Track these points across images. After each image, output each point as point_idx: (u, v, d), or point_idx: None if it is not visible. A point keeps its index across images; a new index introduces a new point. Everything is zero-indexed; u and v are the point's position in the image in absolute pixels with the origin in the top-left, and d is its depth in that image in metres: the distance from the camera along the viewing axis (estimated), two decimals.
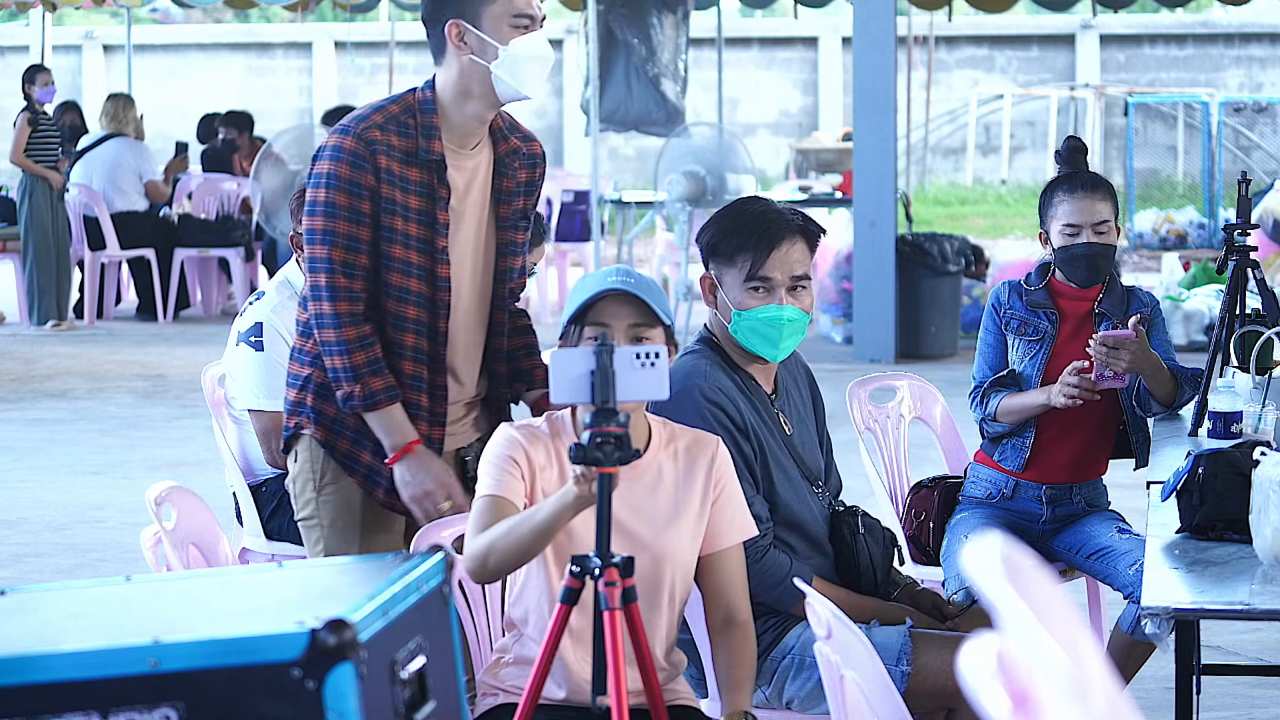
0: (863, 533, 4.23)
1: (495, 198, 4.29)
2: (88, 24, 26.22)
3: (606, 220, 15.16)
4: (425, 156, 4.17)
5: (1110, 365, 4.87)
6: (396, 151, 4.15)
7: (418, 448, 4.20)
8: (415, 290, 4.19)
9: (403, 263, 4.18)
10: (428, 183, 4.17)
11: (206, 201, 15.39)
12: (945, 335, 12.71)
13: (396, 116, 4.18)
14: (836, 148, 20.08)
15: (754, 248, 4.12)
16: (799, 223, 4.16)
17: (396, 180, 4.15)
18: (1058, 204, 5.08)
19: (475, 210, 4.27)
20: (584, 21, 14.55)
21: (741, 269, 4.13)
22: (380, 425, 4.19)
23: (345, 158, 4.14)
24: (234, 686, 2.61)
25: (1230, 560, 3.77)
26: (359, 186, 4.14)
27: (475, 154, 4.26)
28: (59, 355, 13.34)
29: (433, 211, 4.17)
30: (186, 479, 4.58)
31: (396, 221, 4.16)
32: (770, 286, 4.12)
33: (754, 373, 4.23)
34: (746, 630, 3.79)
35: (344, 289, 4.15)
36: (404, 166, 4.16)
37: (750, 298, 4.13)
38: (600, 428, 3.26)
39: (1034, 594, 1.59)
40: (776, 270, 4.12)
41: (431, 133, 4.18)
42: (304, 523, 4.40)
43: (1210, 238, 15.76)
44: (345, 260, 4.16)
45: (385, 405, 4.17)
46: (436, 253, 4.19)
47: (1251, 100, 21.96)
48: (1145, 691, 5.46)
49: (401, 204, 4.16)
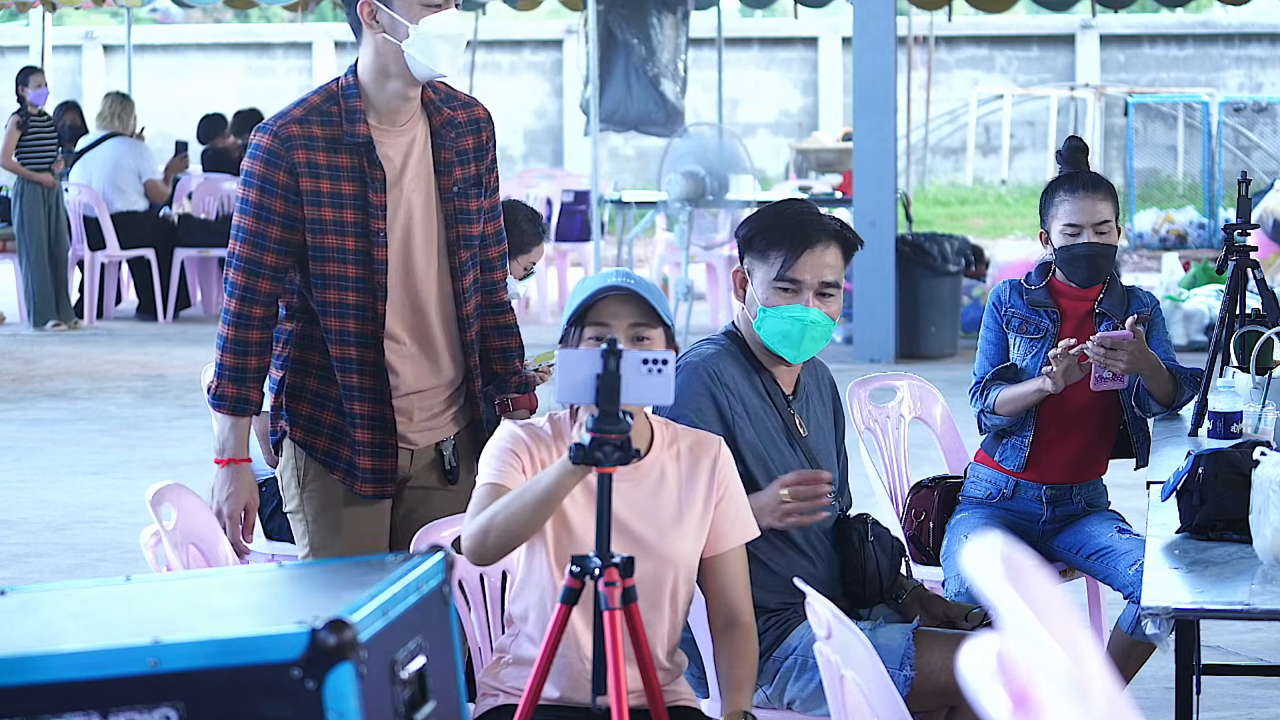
0: (872, 540, 4.22)
1: (437, 170, 4.33)
2: (88, 24, 26.22)
3: (606, 220, 15.16)
4: (351, 140, 4.21)
5: (1108, 366, 4.87)
6: (320, 141, 4.20)
7: (236, 466, 4.32)
8: (354, 276, 4.23)
9: (338, 250, 4.22)
10: (358, 166, 4.22)
11: (206, 201, 15.39)
12: (945, 335, 12.70)
13: (318, 106, 4.23)
14: (836, 148, 20.08)
15: (787, 247, 4.13)
16: (836, 228, 4.18)
17: (323, 170, 4.19)
18: (1059, 204, 5.08)
19: (419, 186, 4.30)
20: (584, 21, 14.56)
21: (773, 266, 4.14)
22: (219, 427, 4.32)
23: (260, 155, 4.21)
24: (234, 686, 2.61)
25: (1230, 560, 3.77)
26: (270, 184, 4.20)
27: (407, 130, 4.30)
28: (59, 355, 13.34)
29: (366, 195, 4.21)
30: (186, 479, 4.57)
31: (325, 212, 4.20)
32: (799, 288, 4.13)
33: (776, 373, 4.24)
34: (749, 631, 3.79)
35: (240, 287, 4.24)
36: (331, 154, 4.20)
37: (777, 296, 4.14)
38: (602, 431, 3.26)
39: (1034, 594, 1.59)
40: (807, 272, 4.13)
41: (355, 116, 4.22)
42: (292, 515, 4.47)
43: (1210, 238, 15.76)
44: (249, 257, 4.24)
45: (226, 412, 4.29)
46: (372, 235, 4.22)
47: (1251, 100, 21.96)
48: (1145, 691, 5.46)
49: (331, 192, 4.20)
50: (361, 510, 4.34)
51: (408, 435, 4.34)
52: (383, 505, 4.37)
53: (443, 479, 4.40)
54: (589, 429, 3.27)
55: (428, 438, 4.37)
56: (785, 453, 4.21)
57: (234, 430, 4.31)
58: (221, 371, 4.28)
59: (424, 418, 4.35)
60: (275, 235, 4.21)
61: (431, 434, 4.37)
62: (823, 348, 4.21)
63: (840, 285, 4.19)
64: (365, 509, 4.35)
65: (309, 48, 25.25)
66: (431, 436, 4.37)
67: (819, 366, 4.40)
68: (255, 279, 4.23)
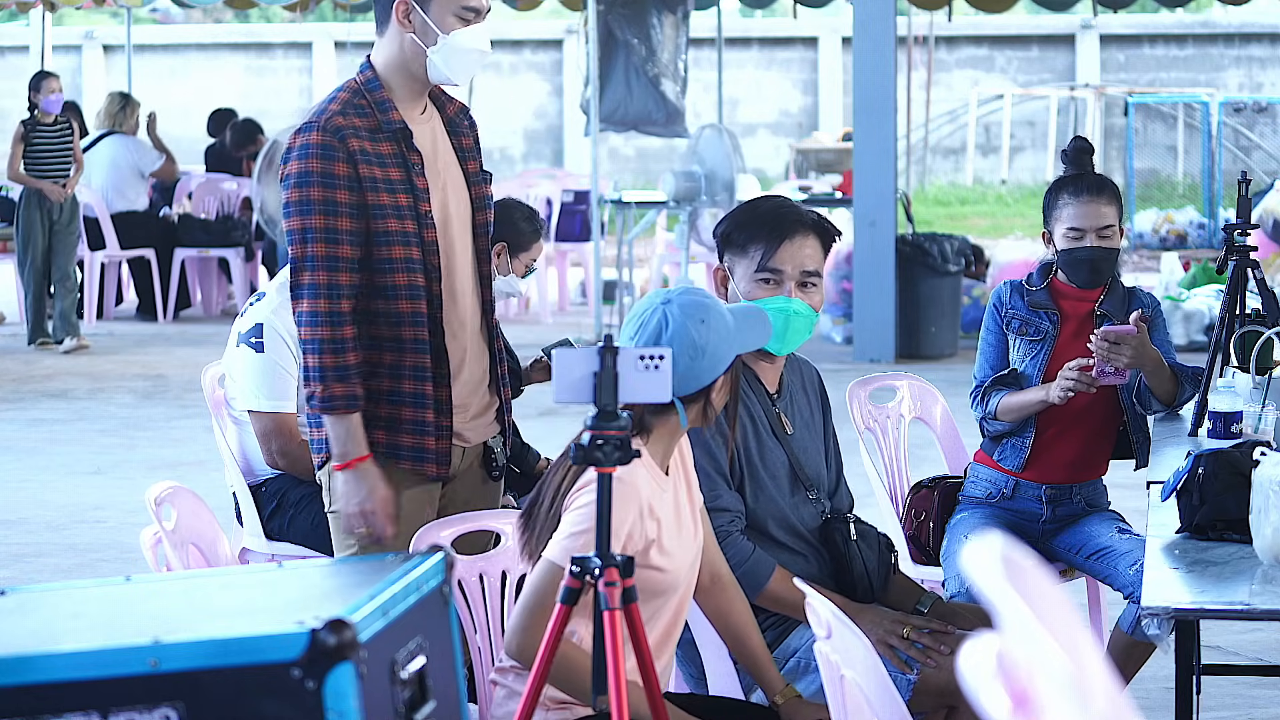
0: (855, 540, 4.22)
1: (459, 155, 4.39)
2: (88, 24, 26.22)
3: (606, 220, 15.16)
4: (389, 127, 4.24)
5: (1111, 360, 4.87)
6: (363, 130, 4.22)
7: (366, 464, 4.19)
8: (417, 258, 4.24)
9: (400, 234, 4.22)
10: (400, 152, 4.25)
11: (206, 201, 15.38)
12: (945, 335, 12.70)
13: (350, 101, 4.26)
14: (836, 148, 20.08)
15: (766, 239, 4.16)
16: (814, 219, 4.22)
17: (372, 157, 4.21)
18: (1062, 206, 5.08)
19: (448, 170, 4.36)
20: (584, 21, 14.56)
21: (753, 259, 4.16)
22: (335, 430, 4.19)
23: (315, 151, 4.18)
24: (234, 686, 2.61)
25: (1230, 560, 3.77)
26: (332, 177, 4.18)
27: (427, 118, 4.36)
28: (59, 356, 13.34)
29: (410, 179, 4.24)
30: (186, 479, 4.58)
31: (383, 197, 4.21)
32: (780, 279, 4.15)
33: (759, 370, 4.24)
34: (733, 585, 3.90)
35: (324, 286, 4.17)
36: (374, 143, 4.23)
37: (759, 289, 4.15)
38: (601, 429, 3.26)
39: (1034, 594, 1.59)
40: (787, 263, 4.15)
41: (386, 105, 4.26)
42: (332, 515, 4.38)
43: (1210, 238, 15.76)
44: (326, 255, 4.18)
45: (341, 412, 4.17)
46: (422, 218, 4.25)
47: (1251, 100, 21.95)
48: (1145, 691, 5.46)
49: (383, 178, 4.22)
50: (415, 500, 4.31)
51: (463, 432, 4.35)
52: (434, 492, 4.35)
53: (485, 476, 4.43)
54: (588, 427, 3.27)
55: (478, 435, 4.39)
56: (772, 451, 4.21)
57: (351, 430, 4.18)
58: (324, 374, 4.15)
59: (477, 412, 4.38)
60: (347, 226, 4.19)
61: (481, 431, 4.40)
62: (806, 339, 4.22)
63: (821, 276, 4.21)
64: (418, 498, 4.31)
65: (309, 48, 25.25)
66: (481, 434, 4.40)
67: (803, 364, 4.40)
68: (336, 274, 4.18)
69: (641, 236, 15.80)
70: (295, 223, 4.19)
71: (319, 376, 4.16)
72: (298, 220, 4.19)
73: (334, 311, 4.17)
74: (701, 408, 3.64)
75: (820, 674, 3.43)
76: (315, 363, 4.17)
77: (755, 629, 3.89)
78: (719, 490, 4.08)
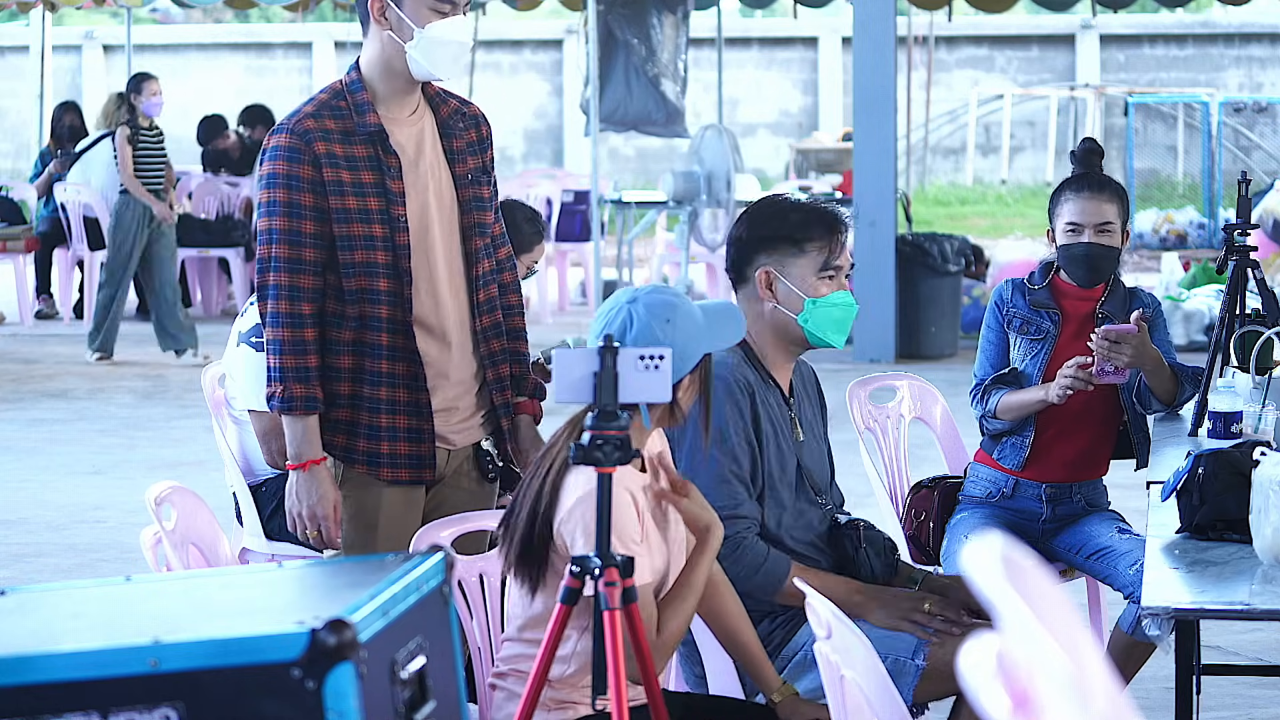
0: (864, 547, 4.23)
1: (449, 157, 4.39)
2: (88, 24, 26.21)
3: (606, 220, 15.16)
4: (364, 130, 4.26)
5: (1111, 359, 4.87)
6: (335, 133, 4.25)
7: (318, 466, 4.25)
8: (383, 262, 4.26)
9: (365, 238, 4.25)
10: (374, 155, 4.26)
11: (206, 201, 15.39)
12: (945, 335, 12.70)
13: (327, 103, 4.29)
14: (836, 148, 20.07)
15: (826, 235, 4.19)
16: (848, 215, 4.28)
17: (341, 160, 4.24)
18: (1064, 202, 5.10)
19: (434, 174, 4.35)
20: (584, 21, 14.56)
21: (817, 256, 4.17)
22: (291, 431, 4.25)
23: (281, 154, 4.24)
24: (234, 686, 2.61)
25: (1230, 560, 3.77)
26: (297, 180, 4.22)
27: (416, 120, 4.36)
28: (59, 355, 13.34)
29: (384, 182, 4.26)
30: (186, 479, 4.57)
31: (349, 201, 4.24)
32: (838, 273, 4.21)
33: (778, 376, 4.25)
34: (725, 583, 3.89)
35: (286, 287, 4.23)
36: (346, 146, 4.25)
37: (824, 285, 4.17)
38: (601, 429, 3.26)
39: (1034, 594, 1.58)
40: (844, 258, 4.21)
41: (364, 108, 4.28)
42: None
43: (1210, 238, 15.75)
44: (289, 257, 4.23)
45: (299, 413, 4.23)
46: (394, 221, 4.26)
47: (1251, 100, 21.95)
48: (1145, 691, 5.46)
49: (352, 182, 4.24)
50: (397, 504, 4.32)
51: (447, 435, 4.35)
52: (417, 495, 4.36)
53: (479, 478, 4.43)
54: (588, 426, 3.27)
55: (466, 438, 4.39)
56: (789, 457, 4.22)
57: (307, 432, 4.24)
58: (284, 374, 4.22)
59: (463, 416, 4.38)
60: (310, 229, 4.23)
61: (468, 434, 4.40)
62: None
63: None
64: (400, 503, 4.33)
65: (309, 48, 25.25)
66: (469, 437, 4.40)
67: (802, 364, 4.40)
68: (298, 276, 4.23)
69: (641, 236, 15.79)
70: (263, 223, 4.28)
71: (279, 377, 4.23)
72: (264, 221, 4.27)
73: (294, 313, 4.23)
74: (667, 407, 3.62)
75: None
76: (276, 363, 4.24)
77: (749, 626, 3.88)
78: (740, 499, 4.07)
